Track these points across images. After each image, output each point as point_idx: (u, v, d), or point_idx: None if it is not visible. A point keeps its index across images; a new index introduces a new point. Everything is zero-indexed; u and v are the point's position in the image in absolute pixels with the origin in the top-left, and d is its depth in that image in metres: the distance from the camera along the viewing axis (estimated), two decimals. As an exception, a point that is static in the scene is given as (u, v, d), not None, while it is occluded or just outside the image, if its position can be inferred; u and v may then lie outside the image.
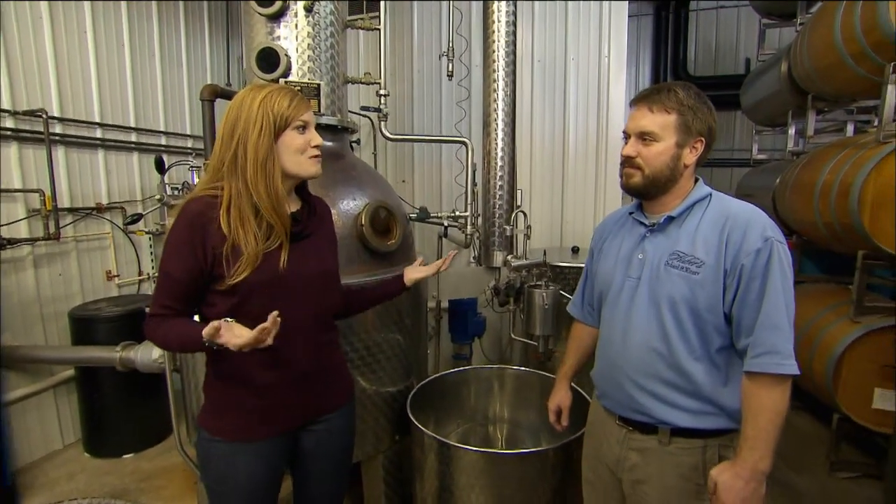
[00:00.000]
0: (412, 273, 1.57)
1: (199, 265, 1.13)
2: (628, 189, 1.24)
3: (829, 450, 2.76)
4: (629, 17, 3.64)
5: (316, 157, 1.22)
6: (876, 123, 2.93)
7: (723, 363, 1.16)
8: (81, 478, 2.70)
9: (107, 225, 3.27)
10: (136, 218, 2.88)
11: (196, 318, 1.23)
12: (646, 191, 1.21)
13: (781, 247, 1.09)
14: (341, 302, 1.43)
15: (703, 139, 1.17)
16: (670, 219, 1.20)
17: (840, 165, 2.63)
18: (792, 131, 3.68)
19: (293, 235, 1.20)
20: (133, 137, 3.43)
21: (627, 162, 1.21)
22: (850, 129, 3.44)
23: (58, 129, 2.94)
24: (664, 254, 1.18)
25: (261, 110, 1.13)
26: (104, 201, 3.23)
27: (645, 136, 1.17)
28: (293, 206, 1.26)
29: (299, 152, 1.18)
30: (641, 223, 1.26)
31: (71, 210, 3.04)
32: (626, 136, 1.23)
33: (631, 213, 1.31)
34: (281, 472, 1.34)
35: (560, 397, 1.57)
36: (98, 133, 3.20)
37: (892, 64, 2.41)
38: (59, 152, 2.96)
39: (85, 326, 2.84)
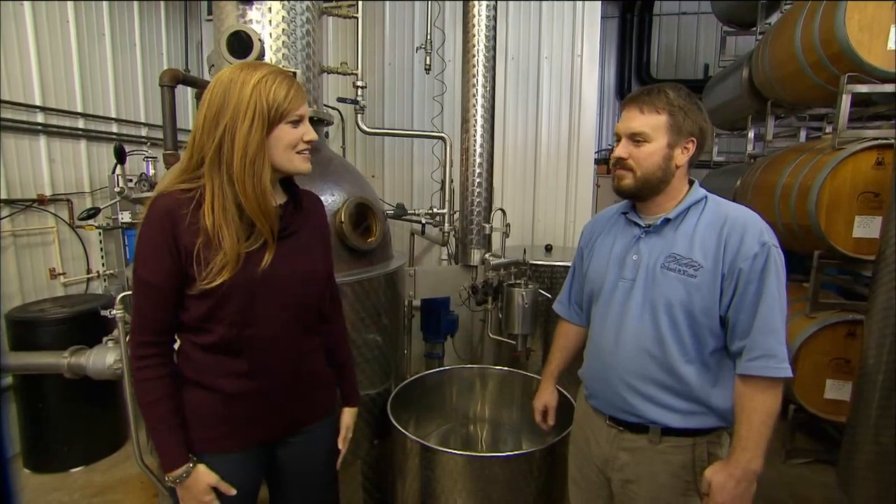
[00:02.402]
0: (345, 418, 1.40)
1: (177, 265, 1.03)
2: (620, 192, 1.23)
3: (784, 438, 2.91)
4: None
5: (307, 152, 1.12)
6: (829, 130, 3.11)
7: (714, 365, 1.17)
8: (23, 496, 2.46)
9: (50, 218, 2.99)
10: (94, 212, 2.64)
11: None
12: (638, 192, 1.20)
13: (777, 251, 1.10)
14: (329, 306, 1.31)
15: (694, 139, 1.17)
16: (667, 220, 1.19)
17: (799, 169, 2.77)
18: (751, 135, 3.85)
19: (277, 233, 1.10)
20: (80, 124, 3.15)
21: (619, 163, 1.19)
22: (802, 134, 3.65)
23: (-9, 111, 2.66)
24: (660, 256, 1.17)
25: (253, 98, 1.01)
26: (47, 193, 2.95)
27: (636, 137, 1.16)
28: (278, 199, 1.15)
29: (291, 148, 1.08)
30: (636, 224, 1.25)
31: (8, 202, 2.75)
32: (617, 137, 1.21)
33: (624, 214, 1.29)
34: (257, 486, 1.24)
35: (546, 397, 1.55)
36: (39, 118, 2.92)
37: (847, 75, 2.56)
38: (-6, 138, 2.68)
39: (26, 330, 2.58)
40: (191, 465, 1.08)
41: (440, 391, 2.29)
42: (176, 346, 1.14)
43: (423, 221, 2.73)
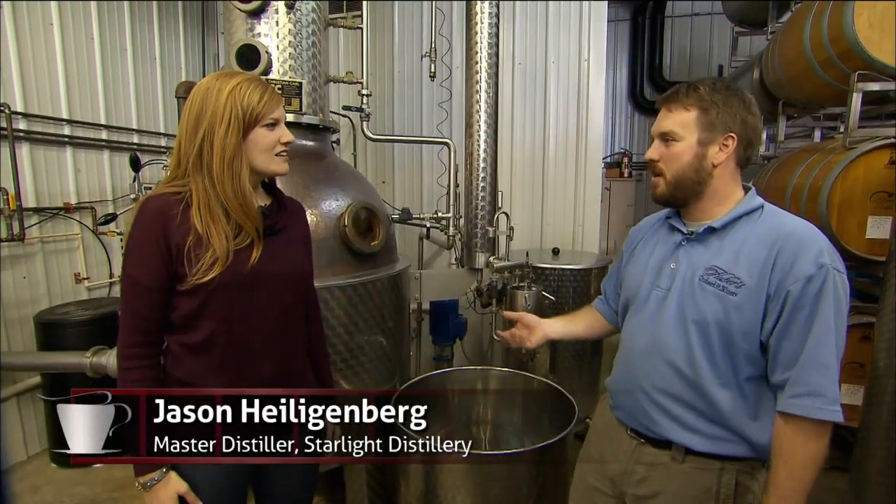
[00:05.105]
0: None
1: (167, 266, 1.06)
2: (656, 200, 1.15)
3: (799, 444, 2.85)
4: (607, 22, 3.71)
5: (284, 153, 1.16)
6: (842, 130, 3.06)
7: (752, 394, 1.05)
8: (48, 489, 2.59)
9: (75, 226, 3.14)
10: (111, 218, 2.77)
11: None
12: (673, 199, 1.11)
13: (839, 276, 0.97)
14: (310, 311, 1.32)
15: (734, 136, 1.04)
16: (712, 229, 1.08)
17: (810, 169, 2.73)
18: (763, 136, 3.80)
19: (264, 230, 1.13)
20: (104, 135, 3.31)
21: (651, 167, 1.13)
22: (817, 134, 3.58)
23: (22, 125, 2.81)
24: (699, 267, 1.07)
25: (229, 103, 1.06)
26: (72, 201, 3.10)
27: (665, 137, 1.09)
28: (261, 200, 1.19)
29: (268, 150, 1.12)
30: (678, 230, 1.14)
31: (37, 210, 2.91)
32: (652, 140, 1.14)
33: (668, 219, 1.19)
34: (244, 487, 1.25)
35: (537, 321, 1.41)
36: (66, 130, 3.07)
37: (857, 73, 2.52)
38: (24, 149, 2.83)
39: (52, 331, 2.72)
40: (164, 469, 1.09)
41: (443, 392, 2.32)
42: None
43: (428, 225, 2.78)
